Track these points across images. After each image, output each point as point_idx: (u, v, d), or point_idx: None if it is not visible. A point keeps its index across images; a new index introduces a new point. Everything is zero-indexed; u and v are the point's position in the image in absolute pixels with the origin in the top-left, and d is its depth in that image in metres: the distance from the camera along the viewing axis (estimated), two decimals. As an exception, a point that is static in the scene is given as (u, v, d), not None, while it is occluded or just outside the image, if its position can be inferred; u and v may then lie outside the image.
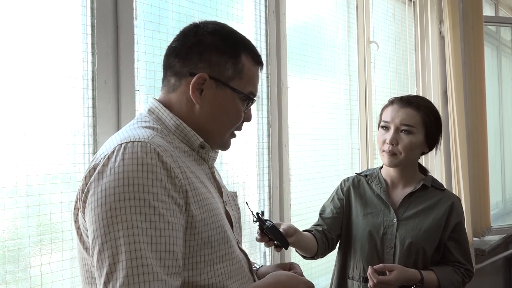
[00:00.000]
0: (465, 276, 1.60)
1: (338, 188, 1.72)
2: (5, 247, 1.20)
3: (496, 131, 4.30)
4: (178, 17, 1.65)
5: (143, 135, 0.89)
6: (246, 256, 1.07)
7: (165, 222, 0.83)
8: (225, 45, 0.98)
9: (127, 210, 0.80)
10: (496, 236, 3.58)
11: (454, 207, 1.59)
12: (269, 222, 1.35)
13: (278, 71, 2.08)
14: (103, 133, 1.38)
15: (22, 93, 1.24)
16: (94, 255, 0.81)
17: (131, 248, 0.79)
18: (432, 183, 1.63)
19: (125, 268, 0.78)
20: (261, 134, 2.04)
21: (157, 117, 0.98)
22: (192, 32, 1.00)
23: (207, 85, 0.97)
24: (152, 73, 1.54)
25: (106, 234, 0.80)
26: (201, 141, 0.99)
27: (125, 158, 0.84)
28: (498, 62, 4.47)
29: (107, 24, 1.40)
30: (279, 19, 2.10)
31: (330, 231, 1.64)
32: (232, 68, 0.98)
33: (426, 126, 1.55)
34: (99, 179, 0.83)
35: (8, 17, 1.23)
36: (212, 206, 0.94)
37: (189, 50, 0.98)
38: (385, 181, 1.64)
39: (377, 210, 1.61)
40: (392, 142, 1.53)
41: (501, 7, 4.42)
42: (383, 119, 1.59)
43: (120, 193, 0.81)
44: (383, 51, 2.92)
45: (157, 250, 0.81)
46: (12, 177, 1.21)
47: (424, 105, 1.58)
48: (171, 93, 1.00)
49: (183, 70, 0.98)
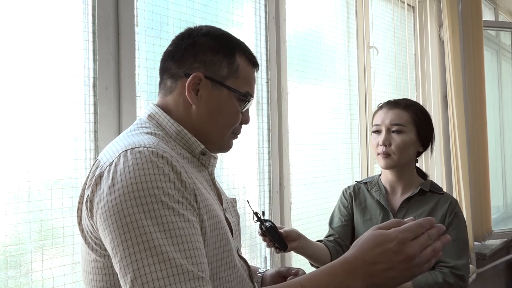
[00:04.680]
0: (448, 276, 1.47)
1: (341, 197, 1.74)
2: (7, 252, 1.20)
3: (497, 135, 4.30)
4: (178, 24, 1.66)
5: (148, 141, 0.88)
6: (246, 263, 1.06)
7: (185, 221, 0.81)
8: (219, 44, 0.99)
9: (146, 214, 0.78)
10: (497, 240, 3.57)
11: (450, 207, 1.57)
12: (268, 222, 1.36)
13: (278, 77, 2.10)
14: (104, 139, 1.39)
15: (24, 99, 1.26)
16: (117, 263, 0.79)
17: (157, 251, 0.76)
18: (431, 187, 1.63)
19: (154, 272, 0.75)
20: (262, 139, 2.05)
21: (157, 123, 0.98)
22: (186, 35, 1.01)
23: (203, 85, 0.97)
24: (153, 79, 1.56)
25: (127, 241, 0.77)
26: (202, 148, 0.98)
27: (134, 164, 0.82)
28: (498, 66, 4.48)
29: (108, 31, 1.41)
30: (279, 25, 2.11)
31: (343, 238, 1.65)
32: (227, 67, 0.98)
33: (416, 124, 1.57)
34: (110, 187, 0.81)
35: (11, 24, 1.24)
36: (216, 213, 0.93)
37: (184, 52, 0.98)
38: (384, 187, 1.66)
39: (377, 216, 1.62)
40: (385, 143, 1.56)
41: (500, 12, 4.44)
42: (374, 123, 1.63)
43: (136, 198, 0.79)
44: (383, 56, 2.93)
45: (184, 249, 0.78)
46: (14, 183, 1.22)
47: (411, 104, 1.62)
48: (168, 95, 1.00)
49: (178, 71, 0.98)
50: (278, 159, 2.09)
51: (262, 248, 2.05)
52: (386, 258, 0.80)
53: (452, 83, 3.15)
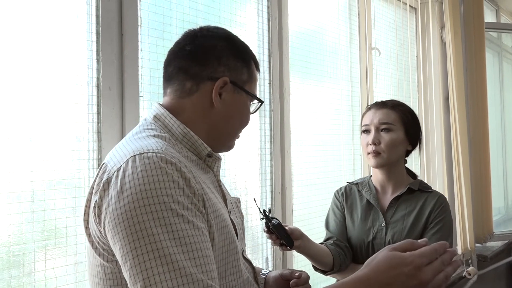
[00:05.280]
0: None
1: (334, 198, 1.76)
2: (10, 252, 1.21)
3: (498, 137, 4.30)
4: (181, 25, 1.67)
5: (156, 146, 0.87)
6: (250, 265, 1.06)
7: (194, 228, 0.81)
8: (240, 50, 1.01)
9: (156, 222, 0.77)
10: (498, 242, 3.57)
11: (438, 202, 1.60)
12: (275, 220, 1.36)
13: (281, 77, 2.10)
14: (108, 139, 1.39)
15: (28, 99, 1.26)
16: (126, 271, 0.78)
17: (167, 260, 0.75)
18: (420, 186, 1.65)
19: (164, 281, 0.74)
20: (264, 140, 2.05)
21: (163, 124, 0.97)
22: (204, 36, 1.00)
23: (226, 89, 0.98)
24: (156, 79, 1.56)
25: (136, 248, 0.77)
26: (209, 151, 0.98)
27: (143, 170, 0.81)
28: (499, 68, 4.48)
29: (112, 31, 1.42)
30: (282, 26, 2.11)
31: (341, 240, 1.66)
32: (246, 73, 1.01)
33: (404, 123, 1.61)
34: (119, 193, 0.81)
35: (14, 24, 1.24)
36: (223, 217, 0.93)
37: (205, 54, 0.97)
38: (375, 187, 1.69)
39: (367, 215, 1.65)
40: (375, 142, 1.59)
41: (502, 13, 4.44)
42: (363, 124, 1.66)
43: (146, 206, 0.78)
44: (385, 57, 2.93)
45: (194, 257, 0.78)
46: (17, 183, 1.23)
47: (398, 104, 1.66)
48: (185, 97, 0.98)
49: (202, 74, 0.97)
50: (280, 160, 2.09)
51: (264, 248, 2.06)
52: (400, 281, 0.81)
53: (454, 84, 3.15)
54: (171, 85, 1.00)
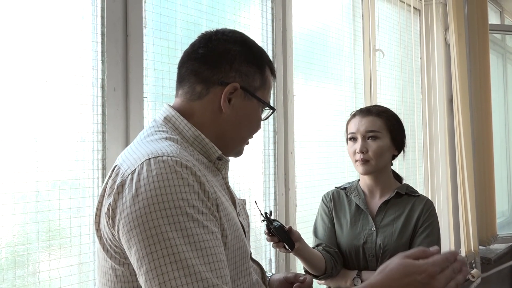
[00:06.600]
0: None
1: (322, 204, 1.76)
2: (15, 252, 1.21)
3: (502, 139, 4.29)
4: (186, 26, 1.67)
5: (170, 149, 0.86)
6: (259, 266, 1.05)
7: (209, 232, 0.81)
8: (254, 56, 0.99)
9: (172, 226, 0.77)
10: (502, 245, 3.56)
11: (425, 207, 1.62)
12: (276, 222, 1.36)
13: (284, 79, 2.10)
14: (112, 140, 1.40)
15: (33, 100, 1.27)
16: (142, 275, 0.78)
17: (184, 265, 0.76)
18: (407, 190, 1.67)
19: (181, 285, 0.75)
20: (267, 141, 2.05)
21: (173, 126, 0.96)
22: (218, 40, 0.98)
23: (236, 94, 0.96)
24: (160, 80, 1.56)
25: (152, 253, 0.77)
26: (219, 154, 0.97)
27: (159, 173, 0.81)
28: (503, 70, 4.47)
29: (117, 32, 1.42)
30: (286, 27, 2.11)
31: (330, 246, 1.66)
32: (259, 79, 0.99)
33: (390, 130, 1.62)
34: (134, 197, 0.80)
35: (20, 26, 1.25)
36: (234, 221, 0.93)
37: (218, 58, 0.96)
38: (363, 192, 1.69)
39: (357, 220, 1.65)
40: (362, 150, 1.59)
41: (506, 15, 4.43)
42: (349, 132, 1.66)
43: (162, 210, 0.78)
44: (389, 59, 2.93)
45: (209, 262, 0.78)
46: (22, 183, 1.23)
47: (383, 110, 1.66)
48: (195, 101, 0.97)
49: (212, 78, 0.96)
50: (284, 161, 2.09)
51: (267, 250, 2.05)
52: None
53: (457, 86, 3.15)
54: (183, 87, 0.99)
